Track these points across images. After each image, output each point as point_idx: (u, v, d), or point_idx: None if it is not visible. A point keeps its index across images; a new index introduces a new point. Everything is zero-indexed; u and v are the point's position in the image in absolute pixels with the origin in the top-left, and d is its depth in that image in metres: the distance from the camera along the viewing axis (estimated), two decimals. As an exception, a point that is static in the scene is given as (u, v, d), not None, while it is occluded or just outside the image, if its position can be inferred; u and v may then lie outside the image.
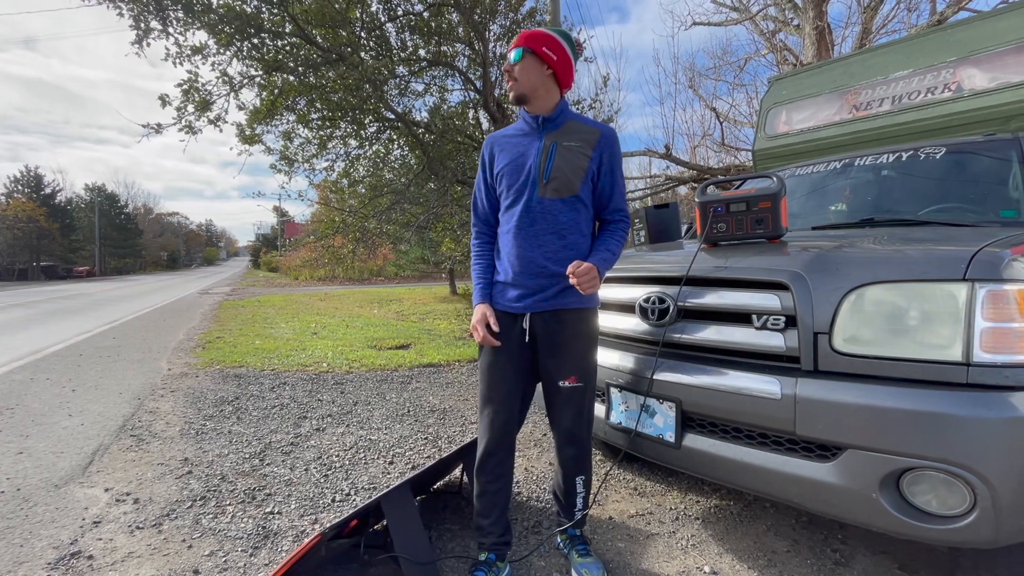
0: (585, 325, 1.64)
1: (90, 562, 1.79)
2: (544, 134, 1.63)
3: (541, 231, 1.59)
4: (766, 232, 1.80)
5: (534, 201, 1.60)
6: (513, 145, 1.66)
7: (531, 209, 1.60)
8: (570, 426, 1.68)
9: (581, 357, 1.64)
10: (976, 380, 1.18)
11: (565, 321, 1.60)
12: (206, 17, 5.10)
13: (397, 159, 8.21)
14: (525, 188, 1.61)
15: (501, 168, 1.65)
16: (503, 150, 1.67)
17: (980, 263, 1.23)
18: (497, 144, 1.70)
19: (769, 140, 3.54)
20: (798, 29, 8.63)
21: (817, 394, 1.32)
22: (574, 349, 1.62)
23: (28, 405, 3.74)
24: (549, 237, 1.59)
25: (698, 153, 12.21)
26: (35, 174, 42.26)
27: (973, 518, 1.15)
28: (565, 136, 1.62)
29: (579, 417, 1.67)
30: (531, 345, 1.63)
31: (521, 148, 1.64)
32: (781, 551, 1.82)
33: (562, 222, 1.60)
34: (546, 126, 1.63)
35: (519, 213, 1.61)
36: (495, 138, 1.73)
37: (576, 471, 1.73)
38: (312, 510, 2.15)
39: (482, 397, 1.66)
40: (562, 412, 1.67)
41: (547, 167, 1.59)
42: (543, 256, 1.58)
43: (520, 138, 1.66)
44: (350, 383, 4.38)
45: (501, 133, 1.74)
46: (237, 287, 20.84)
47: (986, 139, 2.26)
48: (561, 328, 1.60)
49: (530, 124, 1.66)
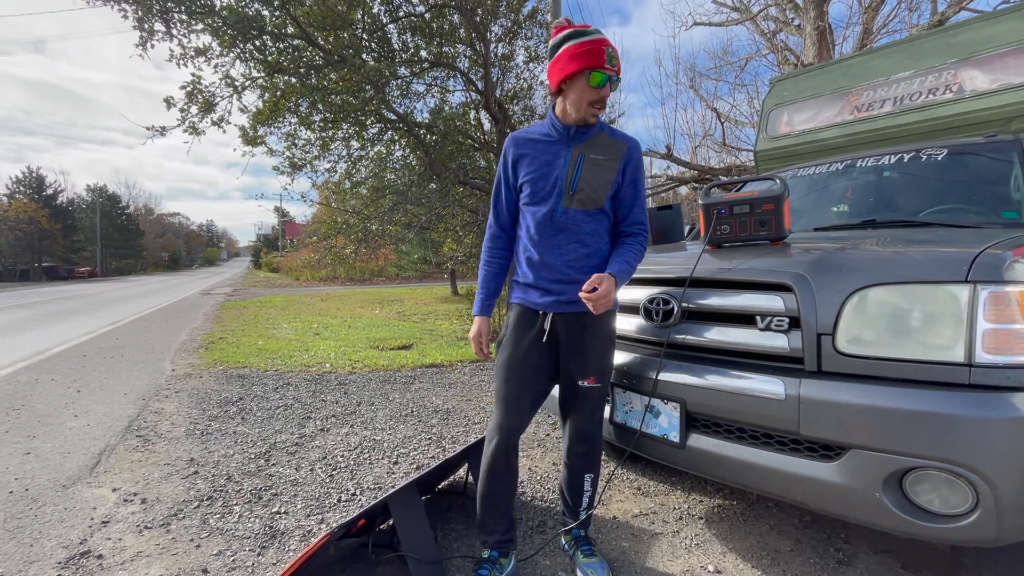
0: (606, 327, 1.66)
1: (100, 561, 1.81)
2: (574, 144, 1.59)
3: (564, 240, 1.59)
4: (769, 234, 1.82)
5: (559, 211, 1.58)
6: (539, 151, 1.61)
7: (555, 219, 1.58)
8: (584, 424, 1.70)
9: (601, 358, 1.66)
10: (978, 381, 1.19)
11: (587, 323, 1.61)
12: (209, 19, 5.12)
13: (399, 160, 8.22)
14: (550, 197, 1.58)
15: (527, 174, 1.61)
16: (528, 155, 1.62)
17: (982, 265, 1.24)
18: (521, 147, 1.64)
19: (771, 141, 3.55)
20: (799, 29, 8.64)
21: (821, 395, 1.34)
22: (596, 350, 1.64)
23: (34, 406, 3.76)
24: (573, 246, 1.59)
25: (699, 153, 12.22)
26: (37, 175, 42.32)
27: (975, 517, 1.17)
28: (594, 149, 1.59)
29: (593, 416, 1.70)
30: (551, 344, 1.63)
31: (548, 156, 1.60)
32: (784, 550, 1.84)
33: (585, 231, 1.60)
34: (577, 137, 1.60)
35: (543, 221, 1.59)
36: (519, 140, 1.66)
37: (585, 468, 1.74)
38: (318, 510, 2.17)
39: (496, 394, 1.67)
40: (578, 411, 1.69)
41: (574, 179, 1.57)
42: (566, 264, 1.59)
43: (547, 144, 1.61)
44: (353, 383, 4.40)
45: (525, 135, 1.66)
46: (239, 288, 20.86)
47: (987, 140, 2.27)
48: (583, 330, 1.61)
49: (559, 131, 1.60)
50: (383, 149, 7.85)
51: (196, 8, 5.06)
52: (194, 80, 5.51)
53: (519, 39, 7.11)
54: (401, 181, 8.06)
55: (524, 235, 1.66)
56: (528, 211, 1.63)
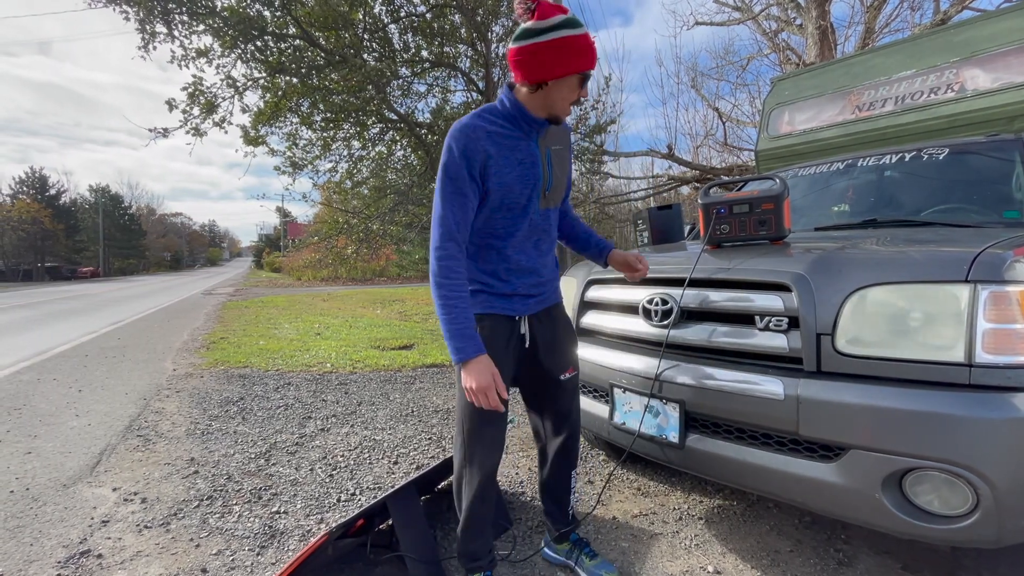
0: (566, 316, 1.68)
1: (99, 561, 1.81)
2: (538, 138, 1.44)
3: (539, 241, 1.52)
4: (769, 233, 1.81)
5: (537, 214, 1.47)
6: (511, 149, 1.38)
7: (533, 222, 1.47)
8: (568, 416, 1.68)
9: (572, 347, 1.67)
10: (978, 381, 1.18)
11: (556, 316, 1.62)
12: (210, 20, 5.13)
13: (400, 160, 8.24)
14: (530, 202, 1.43)
15: (508, 179, 1.37)
16: (501, 155, 1.36)
17: (982, 265, 1.24)
18: (493, 143, 1.35)
19: (772, 141, 3.54)
20: (801, 29, 8.62)
21: (820, 395, 1.33)
22: (568, 341, 1.65)
23: (35, 405, 3.77)
24: (546, 246, 1.56)
25: (700, 153, 12.21)
26: (40, 175, 42.50)
27: (976, 518, 1.16)
28: (551, 140, 1.47)
29: (574, 404, 1.69)
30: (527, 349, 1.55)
31: (520, 154, 1.39)
32: (784, 551, 1.83)
33: (553, 229, 1.59)
34: (540, 130, 1.43)
35: (520, 226, 1.45)
36: (481, 133, 1.34)
37: (571, 464, 1.72)
38: (318, 510, 2.17)
39: (480, 417, 1.43)
40: (560, 404, 1.66)
41: (549, 178, 1.46)
42: (542, 265, 1.55)
43: (514, 140, 1.39)
44: (354, 383, 4.40)
45: (483, 125, 1.36)
46: (240, 288, 20.90)
47: (989, 140, 2.26)
48: (554, 324, 1.60)
49: (523, 126, 1.40)
50: (384, 149, 7.87)
51: (197, 9, 5.08)
52: (195, 81, 5.53)
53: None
54: (402, 181, 8.08)
55: (492, 244, 1.45)
56: (500, 218, 1.42)
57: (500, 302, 1.48)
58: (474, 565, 1.58)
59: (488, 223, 1.43)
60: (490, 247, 1.46)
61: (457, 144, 1.33)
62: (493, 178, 1.36)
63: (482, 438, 1.47)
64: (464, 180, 1.34)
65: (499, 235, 1.45)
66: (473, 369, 1.30)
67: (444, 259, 1.34)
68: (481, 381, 1.29)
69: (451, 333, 1.31)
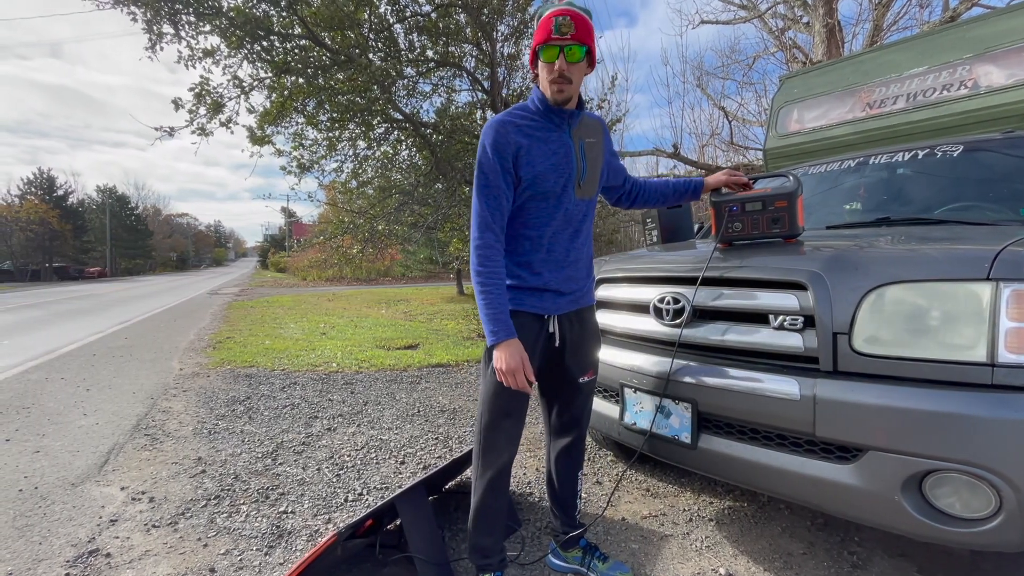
0: (595, 321, 1.67)
1: (108, 560, 1.81)
2: (571, 130, 1.48)
3: (574, 234, 1.52)
4: (782, 231, 1.78)
5: (572, 203, 1.48)
6: (543, 140, 1.43)
7: (568, 212, 1.48)
8: (580, 418, 1.68)
9: (595, 351, 1.66)
10: (1001, 381, 1.16)
11: (585, 319, 1.60)
12: (217, 20, 5.15)
13: (405, 160, 8.24)
14: (565, 191, 1.45)
15: (540, 168, 1.41)
16: (533, 145, 1.42)
17: (1004, 262, 1.21)
18: (524, 136, 1.41)
19: (780, 139, 3.51)
20: (808, 27, 8.56)
21: (837, 395, 1.31)
22: (592, 345, 1.64)
23: (44, 404, 3.79)
24: (580, 239, 1.55)
25: (706, 152, 12.13)
26: (48, 176, 42.79)
27: (999, 521, 1.14)
28: (584, 132, 1.51)
29: (586, 408, 1.69)
30: (555, 347, 1.55)
31: (553, 145, 1.44)
32: (797, 553, 1.81)
33: (588, 221, 1.57)
34: (572, 122, 1.48)
35: (556, 215, 1.46)
36: (513, 127, 1.41)
37: (578, 465, 1.72)
38: (325, 510, 2.16)
39: (500, 409, 1.48)
40: (574, 406, 1.66)
41: (583, 168, 1.49)
42: (575, 260, 1.54)
43: (546, 132, 1.44)
44: (360, 383, 4.40)
45: (515, 120, 1.43)
46: (246, 287, 20.98)
47: (1005, 136, 2.23)
48: (583, 327, 1.59)
49: (553, 119, 1.45)
50: (389, 149, 7.87)
51: (204, 10, 5.09)
52: (202, 81, 5.55)
53: (525, 38, 7.09)
54: (407, 181, 8.08)
55: (526, 234, 1.48)
56: (534, 207, 1.45)
57: (530, 298, 1.49)
58: (485, 563, 1.58)
59: (522, 211, 1.47)
60: (525, 236, 1.48)
61: (488, 140, 1.41)
62: (525, 167, 1.41)
63: (500, 429, 1.50)
64: (497, 173, 1.40)
65: (534, 224, 1.47)
66: (504, 351, 1.36)
67: (481, 248, 1.41)
68: (511, 363, 1.35)
69: (487, 317, 1.39)
